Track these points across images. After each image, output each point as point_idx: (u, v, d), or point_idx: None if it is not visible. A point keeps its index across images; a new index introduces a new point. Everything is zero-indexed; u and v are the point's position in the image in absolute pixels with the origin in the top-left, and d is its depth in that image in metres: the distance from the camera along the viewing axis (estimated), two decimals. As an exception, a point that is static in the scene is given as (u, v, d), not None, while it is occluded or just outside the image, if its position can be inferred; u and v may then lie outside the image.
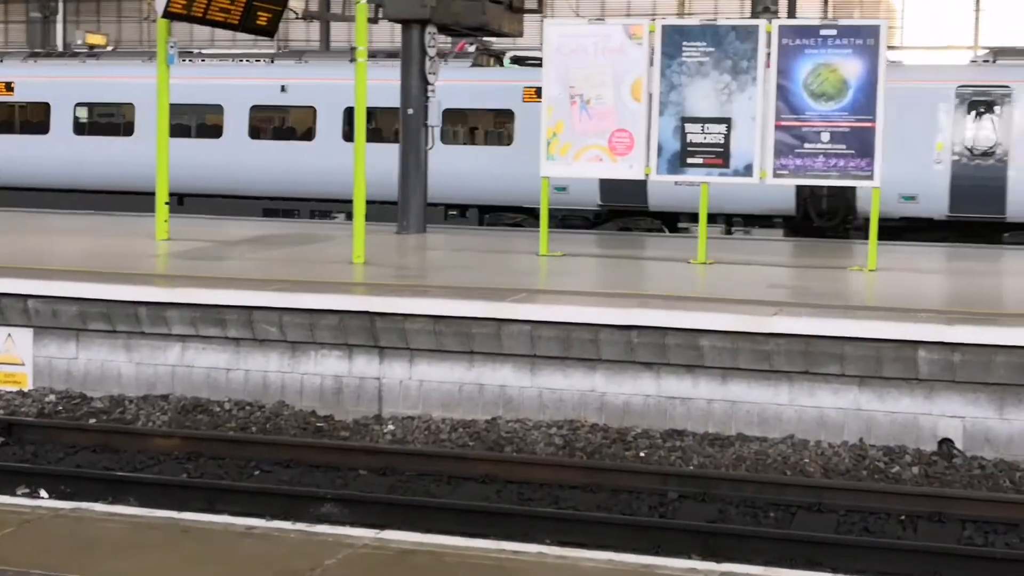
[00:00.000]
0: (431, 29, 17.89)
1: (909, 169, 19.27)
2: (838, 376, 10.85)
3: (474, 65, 22.78)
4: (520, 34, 20.15)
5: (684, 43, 14.56)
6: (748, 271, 14.70)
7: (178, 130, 21.10)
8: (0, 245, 16.13)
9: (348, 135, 20.75)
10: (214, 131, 22.83)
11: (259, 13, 16.27)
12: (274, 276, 12.94)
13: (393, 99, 18.64)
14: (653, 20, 15.13)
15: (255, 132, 22.66)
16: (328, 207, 21.97)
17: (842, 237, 19.79)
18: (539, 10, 21.34)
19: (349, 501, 9.80)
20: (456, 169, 20.91)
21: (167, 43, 16.20)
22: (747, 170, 14.52)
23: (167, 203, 16.54)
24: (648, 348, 11.14)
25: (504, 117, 21.64)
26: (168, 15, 15.65)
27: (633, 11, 49.60)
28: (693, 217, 19.43)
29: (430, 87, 17.96)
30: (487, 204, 21.58)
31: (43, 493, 9.56)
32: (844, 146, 14.21)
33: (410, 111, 17.98)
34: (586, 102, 14.88)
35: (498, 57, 23.71)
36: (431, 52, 17.87)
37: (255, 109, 22.65)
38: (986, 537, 9.12)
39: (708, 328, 10.97)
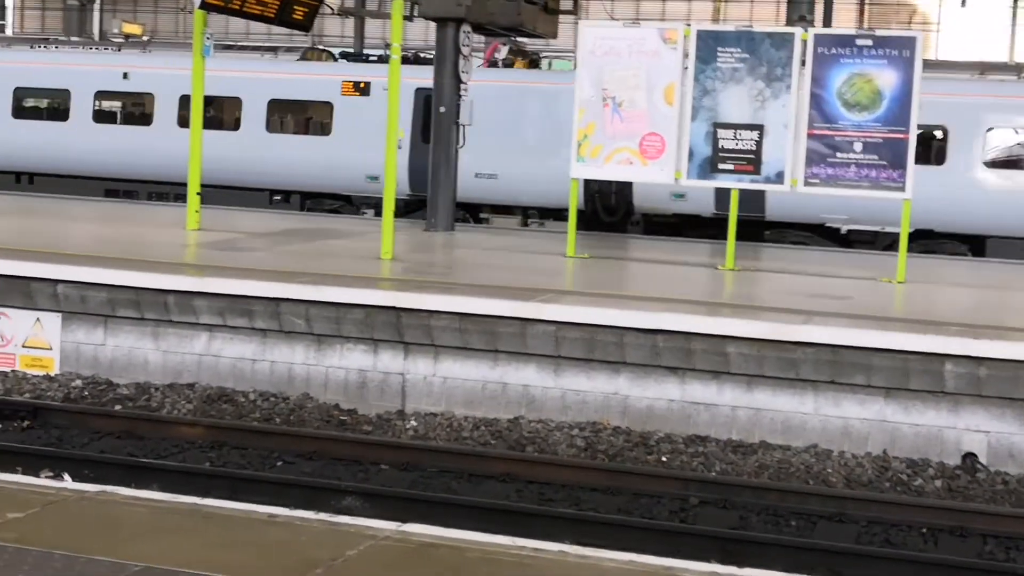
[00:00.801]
0: (466, 28, 17.90)
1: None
2: (864, 387, 10.82)
3: (301, 59, 24.60)
4: (554, 35, 20.15)
5: (719, 49, 14.54)
6: (776, 279, 14.66)
7: (32, 113, 24.06)
8: (30, 230, 16.22)
9: (183, 121, 21.70)
10: (62, 114, 23.79)
11: (296, 7, 16.33)
12: (302, 269, 12.98)
13: (232, 89, 21.82)
14: (688, 25, 15.10)
15: (99, 116, 23.63)
16: (166, 190, 23.15)
17: (622, 232, 20.89)
18: (574, 12, 21.33)
19: (371, 495, 9.83)
20: (281, 157, 22.20)
21: (203, 34, 16.26)
22: (778, 177, 14.49)
23: (199, 193, 16.61)
24: (673, 353, 11.12)
25: (325, 108, 22.45)
26: (205, 6, 15.72)
27: (668, 17, 49.56)
28: (494, 208, 21.47)
29: (463, 86, 17.97)
30: (309, 191, 22.50)
31: (67, 477, 9.60)
32: (876, 157, 14.17)
33: (442, 109, 18.00)
34: (618, 104, 14.87)
35: (533, 61, 23.80)
36: (465, 51, 17.89)
37: (99, 95, 23.64)
38: (1007, 553, 9.08)
39: (735, 334, 10.95)
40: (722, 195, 19.38)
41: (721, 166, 14.64)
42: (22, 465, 9.94)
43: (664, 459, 10.74)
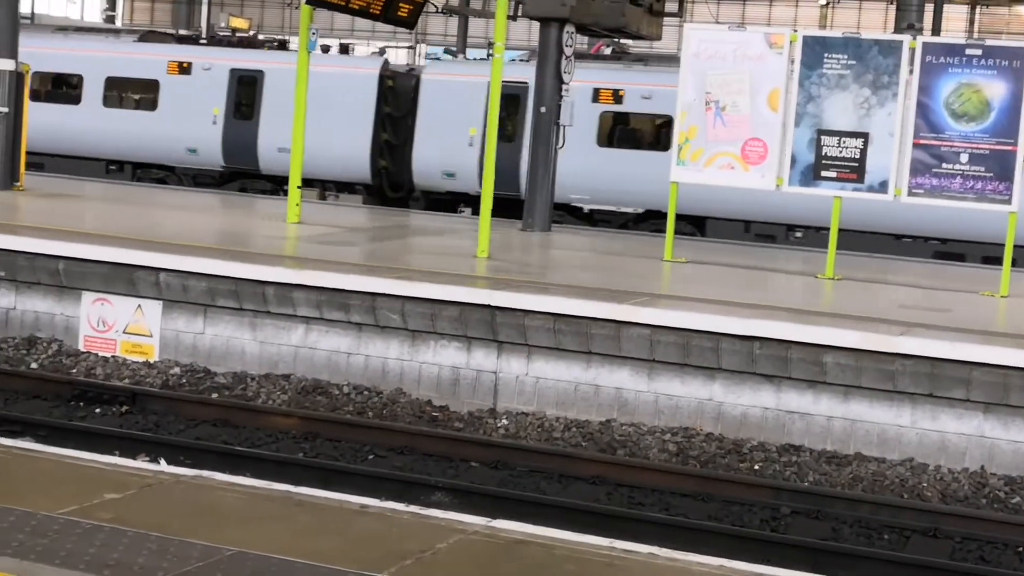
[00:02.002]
0: (569, 28, 17.90)
1: (449, 150, 22.32)
2: (963, 401, 10.64)
3: (140, 40, 26.14)
4: (658, 37, 20.07)
5: (825, 55, 14.39)
6: (877, 289, 14.48)
7: None
8: (131, 219, 16.50)
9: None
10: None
11: (401, 4, 16.43)
12: (399, 265, 13.05)
13: (74, 67, 24.29)
14: (795, 31, 14.96)
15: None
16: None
17: (404, 207, 23.08)
18: (679, 14, 21.24)
19: (460, 491, 9.86)
20: (115, 129, 24.40)
21: (309, 29, 16.42)
22: (882, 187, 14.30)
23: (299, 187, 16.77)
24: (770, 360, 11.02)
25: (153, 86, 24.53)
26: (312, 2, 15.87)
27: (774, 21, 49.16)
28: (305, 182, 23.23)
29: (565, 86, 17.97)
30: (138, 161, 24.50)
31: (162, 462, 9.74)
32: (983, 168, 13.93)
33: (543, 109, 18.01)
34: (721, 109, 14.77)
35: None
36: (568, 52, 17.88)
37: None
38: (1108, 576, 8.88)
39: (833, 344, 10.82)
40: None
41: (824, 173, 14.48)
42: (120, 449, 10.11)
43: (757, 467, 10.64)
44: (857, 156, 14.31)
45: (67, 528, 5.59)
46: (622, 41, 23.07)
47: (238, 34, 29.69)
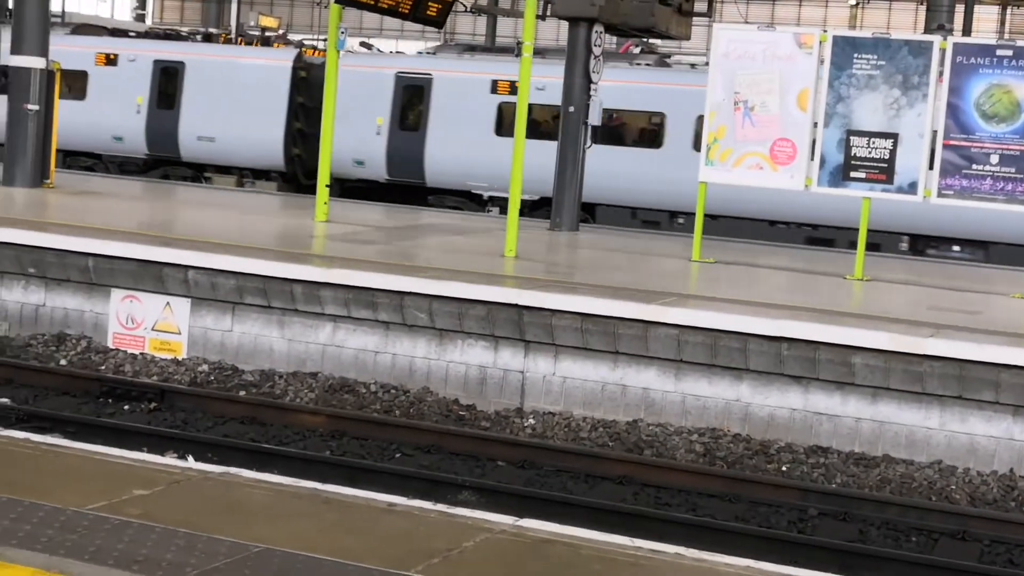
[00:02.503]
0: (598, 28, 17.88)
1: (359, 139, 23.39)
2: (992, 404, 10.58)
3: (72, 32, 27.24)
4: (687, 37, 20.04)
5: (855, 55, 14.33)
6: (906, 291, 14.41)
7: None
8: (160, 217, 16.57)
9: None
10: None
11: (430, 3, 16.43)
12: (426, 263, 13.07)
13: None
14: (824, 31, 14.91)
15: None
16: None
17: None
18: (708, 14, 21.19)
19: (487, 490, 9.86)
20: None
21: (338, 28, 16.45)
22: (911, 188, 14.23)
23: (328, 185, 16.81)
24: (798, 361, 10.99)
25: (82, 77, 25.58)
26: (342, 0, 15.90)
27: (804, 21, 49.02)
28: (218, 168, 25.04)
29: (593, 86, 17.95)
30: (69, 149, 25.00)
31: (190, 459, 9.77)
32: (1013, 169, 13.85)
33: (571, 109, 18.00)
34: (750, 109, 14.73)
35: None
36: (596, 51, 17.87)
37: None
38: None
39: (861, 345, 10.78)
40: (393, 164, 23.61)
41: (853, 174, 14.42)
42: (148, 446, 10.14)
43: (784, 469, 10.60)
44: (887, 157, 14.25)
45: (96, 524, 5.61)
46: (650, 41, 23.01)
47: (267, 33, 29.79)
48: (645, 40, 22.70)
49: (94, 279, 13.06)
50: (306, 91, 24.54)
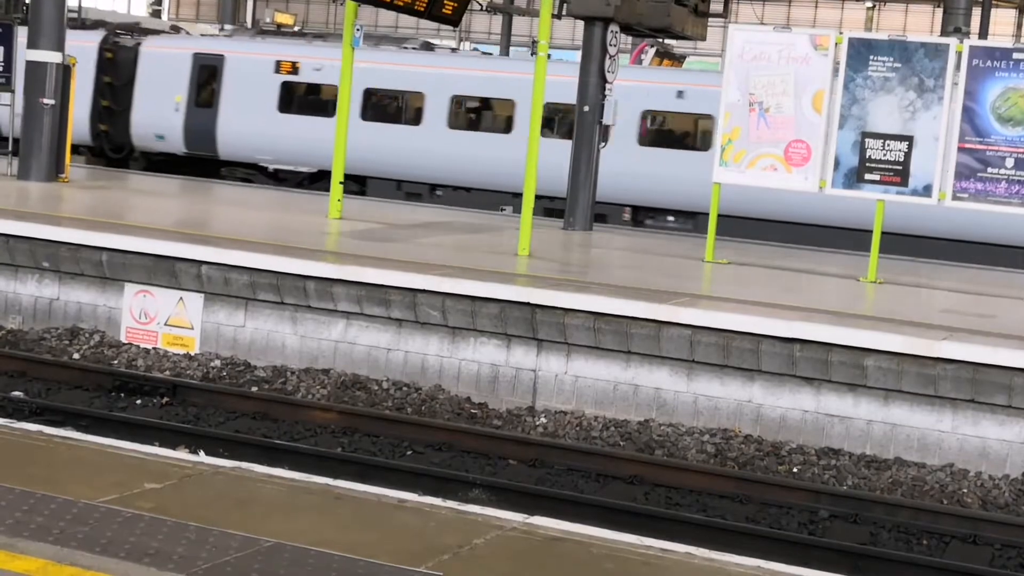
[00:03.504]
0: (614, 28, 17.87)
1: (160, 115, 25.06)
2: (1004, 407, 10.55)
3: None
4: (703, 38, 20.02)
5: (871, 57, 14.30)
6: (920, 293, 14.38)
7: None
8: (174, 211, 16.60)
9: None
10: None
11: (446, 2, 16.44)
12: (440, 261, 13.08)
13: None
14: (840, 32, 14.88)
15: None
16: None
17: (125, 167, 25.45)
18: (724, 15, 21.17)
19: (498, 488, 9.86)
20: None
21: (354, 26, 16.46)
22: (926, 190, 14.20)
23: (342, 182, 16.82)
24: (810, 363, 10.97)
25: None
26: (357, -1, 15.91)
27: (820, 23, 48.95)
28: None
29: (608, 85, 17.95)
30: None
31: (202, 453, 9.79)
32: (1029, 173, 13.80)
33: (586, 108, 17.99)
34: (765, 110, 14.71)
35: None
36: (612, 51, 17.85)
37: None
38: None
39: (874, 347, 10.76)
40: (189, 138, 25.11)
41: (868, 176, 14.39)
42: (160, 440, 10.16)
43: (795, 470, 10.59)
44: (901, 159, 14.22)
45: (108, 516, 5.63)
46: (666, 41, 23.00)
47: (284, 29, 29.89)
48: (660, 40, 22.68)
49: (108, 273, 13.09)
50: (113, 71, 25.79)
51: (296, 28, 32.90)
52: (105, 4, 54.87)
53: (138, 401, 11.64)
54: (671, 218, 21.40)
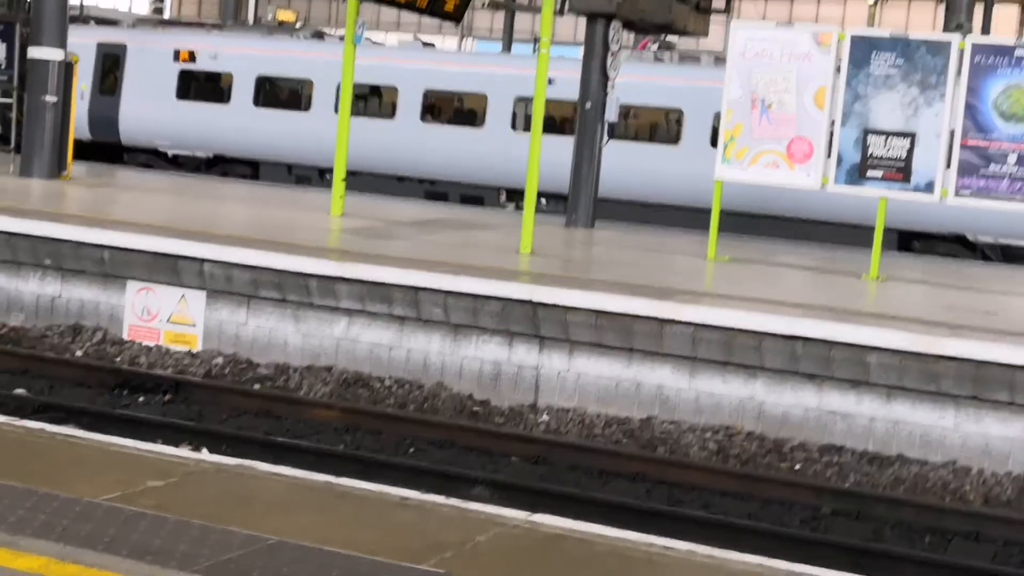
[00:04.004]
0: (616, 24, 17.86)
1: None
2: (1007, 404, 10.55)
3: None
4: (705, 34, 20.02)
5: (873, 54, 14.29)
6: (922, 290, 14.38)
7: None
8: (176, 209, 16.60)
9: None
10: None
11: (447, -1, 16.45)
12: (442, 259, 13.07)
13: None
14: (842, 29, 14.87)
15: None
16: None
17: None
18: (726, 11, 21.15)
19: (501, 486, 9.86)
20: None
21: (356, 23, 16.46)
22: (928, 187, 14.19)
23: (344, 180, 16.83)
24: (812, 360, 10.96)
25: None
26: (359, -5, 15.90)
27: (822, 19, 48.92)
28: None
29: (610, 82, 17.94)
30: None
31: (204, 451, 9.79)
32: (1031, 170, 13.79)
33: (588, 105, 17.99)
34: (767, 106, 14.70)
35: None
36: (614, 47, 17.85)
37: None
38: None
39: (876, 345, 10.75)
40: (94, 126, 25.64)
41: (870, 173, 14.38)
42: (162, 438, 10.16)
43: (797, 467, 10.59)
44: (904, 156, 14.21)
45: (110, 514, 5.63)
46: (668, 38, 22.98)
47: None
48: (662, 37, 22.67)
49: (110, 271, 13.09)
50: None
51: (298, 25, 32.89)
52: (106, 2, 54.86)
53: (140, 398, 11.64)
54: (543, 200, 21.44)
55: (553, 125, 21.50)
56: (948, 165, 14.12)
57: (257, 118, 23.73)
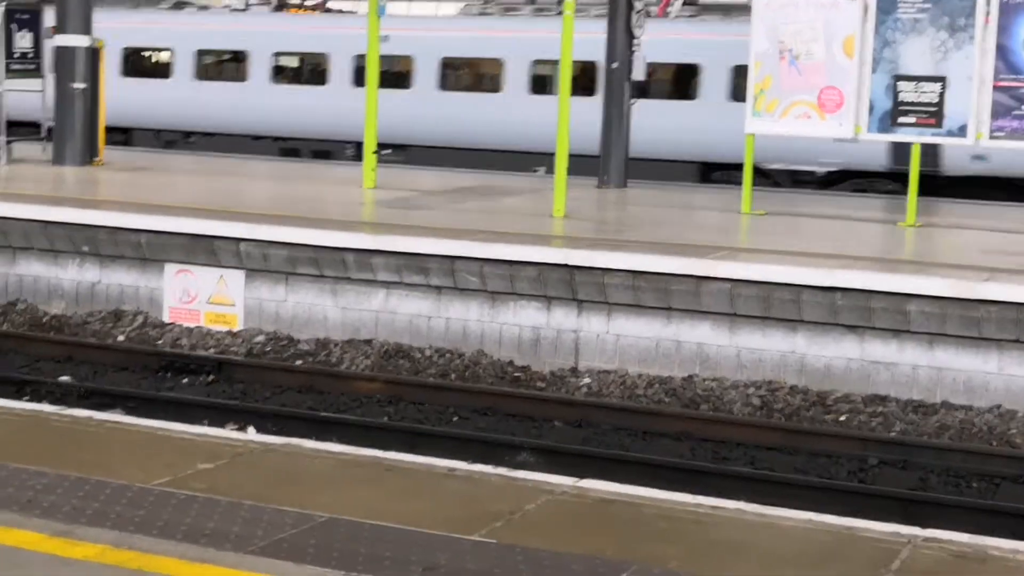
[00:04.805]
0: (639, -18, 17.73)
1: None
2: (1051, 346, 10.49)
3: None
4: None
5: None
6: (959, 235, 14.29)
7: None
8: (210, 190, 16.66)
9: None
10: None
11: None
12: (477, 227, 13.08)
13: None
14: (868, -25, 14.71)
15: None
16: None
17: None
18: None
19: (545, 451, 9.90)
20: None
21: (378, -6, 16.41)
22: (961, 131, 14.05)
23: (375, 152, 16.82)
24: (852, 311, 10.93)
25: None
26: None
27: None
28: None
29: (635, 41, 17.83)
30: None
31: (251, 430, 9.88)
32: (1065, 109, 13.65)
33: (615, 65, 17.89)
34: (795, 57, 14.59)
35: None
36: (638, 5, 17.74)
37: None
38: None
39: (915, 292, 10.71)
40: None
41: (902, 119, 14.26)
42: (208, 418, 10.24)
43: (842, 419, 10.58)
44: (936, 100, 14.08)
45: (162, 499, 5.70)
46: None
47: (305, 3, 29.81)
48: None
49: (147, 254, 13.17)
50: None
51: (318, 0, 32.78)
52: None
53: (184, 380, 11.74)
54: (387, 151, 21.76)
55: (391, 80, 22.09)
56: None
57: (124, 87, 23.84)
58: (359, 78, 22.98)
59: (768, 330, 11.28)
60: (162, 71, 25.30)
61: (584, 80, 20.87)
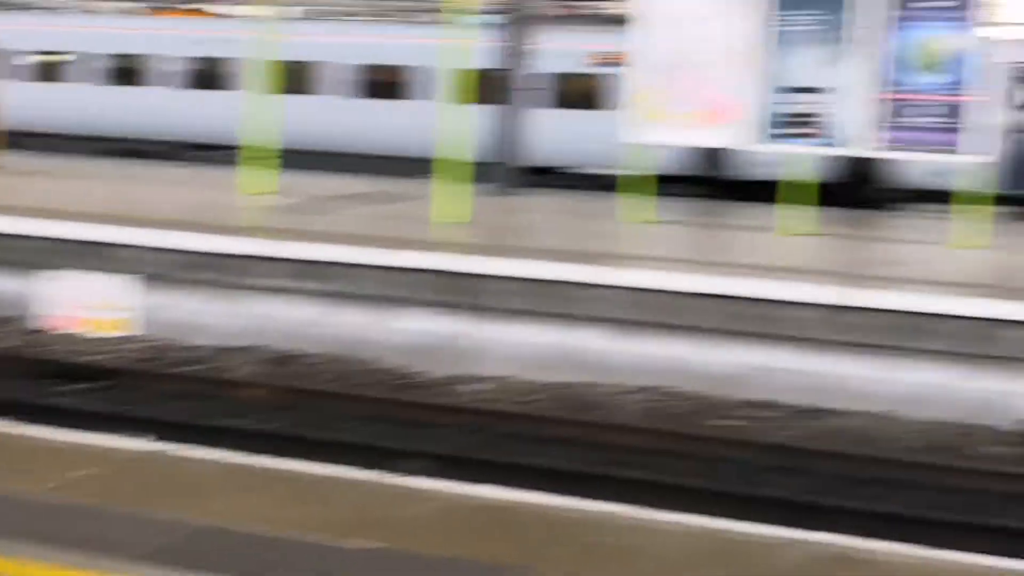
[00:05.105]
0: None
1: None
2: None
3: None
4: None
5: (794, 10, 14.34)
6: (832, 244, 14.52)
7: None
8: (106, 196, 16.46)
9: None
10: None
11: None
12: (370, 233, 13.07)
13: None
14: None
15: None
16: None
17: None
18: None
19: (437, 457, 9.90)
20: None
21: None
22: (848, 140, 14.36)
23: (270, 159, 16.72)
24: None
25: None
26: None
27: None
28: None
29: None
30: None
31: (142, 438, 9.75)
32: (942, 119, 13.99)
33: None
34: (683, 66, 14.76)
35: None
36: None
37: None
38: None
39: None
40: None
41: (790, 130, 14.51)
42: (98, 426, 10.10)
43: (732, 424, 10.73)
44: (821, 112, 14.31)
45: (48, 507, 5.63)
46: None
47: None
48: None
49: (40, 260, 12.97)
50: None
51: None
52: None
53: (75, 387, 11.56)
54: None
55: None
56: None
57: None
58: (191, 80, 24.42)
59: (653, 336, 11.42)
60: None
61: None
